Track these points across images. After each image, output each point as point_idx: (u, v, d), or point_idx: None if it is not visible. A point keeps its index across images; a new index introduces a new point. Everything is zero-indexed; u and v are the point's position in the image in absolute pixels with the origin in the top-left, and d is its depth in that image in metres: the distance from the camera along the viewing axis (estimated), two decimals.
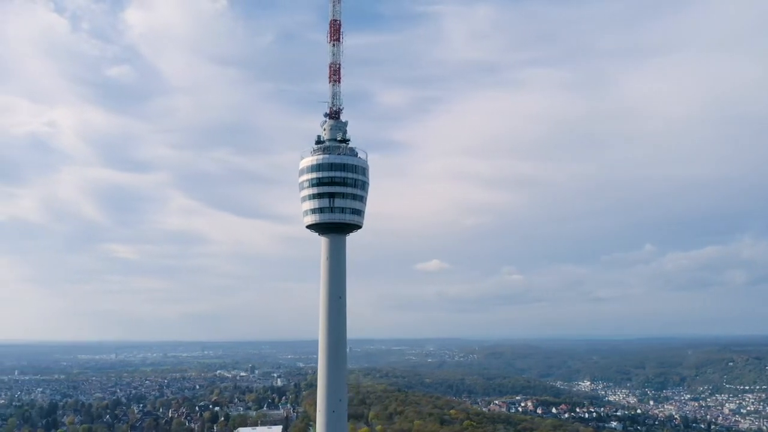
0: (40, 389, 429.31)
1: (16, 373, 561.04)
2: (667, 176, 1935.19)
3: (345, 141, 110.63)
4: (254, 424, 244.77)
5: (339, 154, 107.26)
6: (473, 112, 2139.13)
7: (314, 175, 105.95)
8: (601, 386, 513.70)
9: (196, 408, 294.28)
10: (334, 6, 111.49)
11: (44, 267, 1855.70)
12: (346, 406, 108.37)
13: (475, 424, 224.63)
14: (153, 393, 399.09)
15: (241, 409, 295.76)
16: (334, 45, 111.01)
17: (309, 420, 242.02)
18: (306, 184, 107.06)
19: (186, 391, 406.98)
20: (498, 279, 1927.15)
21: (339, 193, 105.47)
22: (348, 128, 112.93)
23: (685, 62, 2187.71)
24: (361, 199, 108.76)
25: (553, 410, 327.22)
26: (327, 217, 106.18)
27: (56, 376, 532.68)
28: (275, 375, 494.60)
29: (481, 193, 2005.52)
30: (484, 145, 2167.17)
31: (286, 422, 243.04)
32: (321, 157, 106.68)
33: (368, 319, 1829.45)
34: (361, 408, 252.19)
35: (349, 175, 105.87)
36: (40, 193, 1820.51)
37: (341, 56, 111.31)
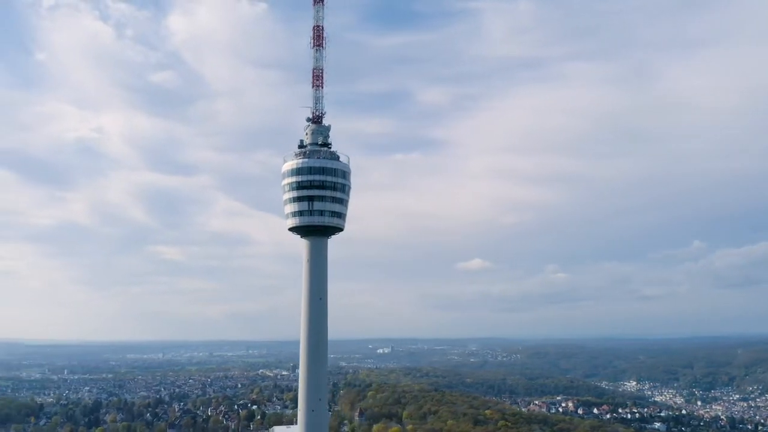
0: (87, 388, 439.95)
1: (65, 373, 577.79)
2: (715, 170, 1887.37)
3: (326, 145, 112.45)
4: (289, 423, 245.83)
5: (319, 158, 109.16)
6: (514, 108, 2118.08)
7: (294, 178, 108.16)
8: (647, 386, 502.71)
9: (235, 406, 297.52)
10: (317, 12, 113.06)
11: (94, 269, 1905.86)
12: (326, 405, 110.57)
13: (510, 424, 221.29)
14: (196, 392, 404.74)
15: (278, 407, 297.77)
16: (316, 50, 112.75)
17: (342, 418, 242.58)
18: (287, 188, 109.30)
19: (228, 389, 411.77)
20: (542, 277, 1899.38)
21: (318, 196, 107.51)
22: (331, 132, 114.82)
23: (731, 54, 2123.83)
24: (342, 202, 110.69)
25: (595, 411, 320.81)
26: (307, 220, 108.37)
27: (104, 375, 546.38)
28: None
29: (522, 191, 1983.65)
30: (525, 141, 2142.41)
31: None
32: (301, 161, 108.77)
33: (410, 319, 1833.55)
34: (396, 407, 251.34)
35: (328, 178, 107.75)
36: (89, 197, 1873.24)
37: (324, 61, 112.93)
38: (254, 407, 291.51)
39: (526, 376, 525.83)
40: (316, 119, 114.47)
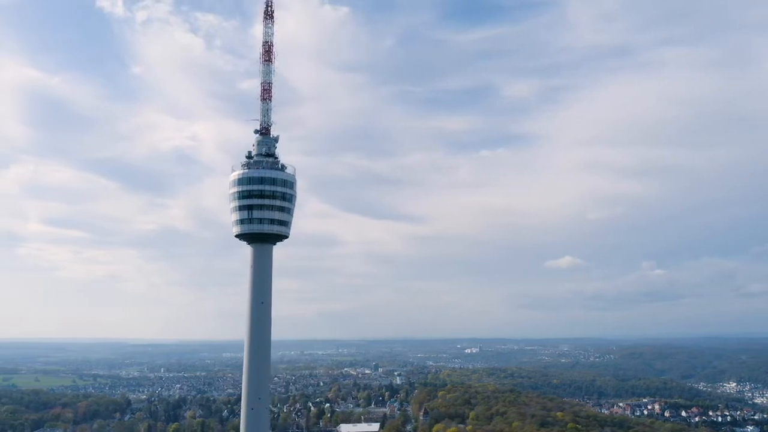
0: (179, 385, 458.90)
1: (162, 371, 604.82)
2: None
3: (270, 155, 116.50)
4: (357, 421, 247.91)
5: (260, 168, 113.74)
6: (604, 98, 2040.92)
7: (237, 188, 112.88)
8: (747, 388, 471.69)
9: (309, 404, 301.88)
10: (267, 29, 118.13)
11: (193, 271, 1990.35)
12: (267, 404, 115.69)
13: (580, 426, 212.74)
14: (279, 389, 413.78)
15: (351, 405, 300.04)
16: (266, 65, 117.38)
17: (408, 418, 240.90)
18: (231, 197, 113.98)
19: (309, 387, 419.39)
20: (637, 275, 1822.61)
21: (257, 205, 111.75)
22: (278, 143, 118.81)
23: None
24: (284, 210, 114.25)
25: (683, 413, 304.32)
26: (247, 228, 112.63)
27: (197, 373, 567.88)
28: (396, 373, 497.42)
29: (613, 184, 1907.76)
30: (616, 132, 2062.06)
31: (383, 419, 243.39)
32: (243, 171, 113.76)
33: (500, 318, 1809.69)
34: (464, 408, 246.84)
35: (267, 187, 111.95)
36: (187, 203, 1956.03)
37: (273, 76, 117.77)
38: (327, 405, 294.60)
39: (617, 377, 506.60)
40: (264, 131, 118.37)
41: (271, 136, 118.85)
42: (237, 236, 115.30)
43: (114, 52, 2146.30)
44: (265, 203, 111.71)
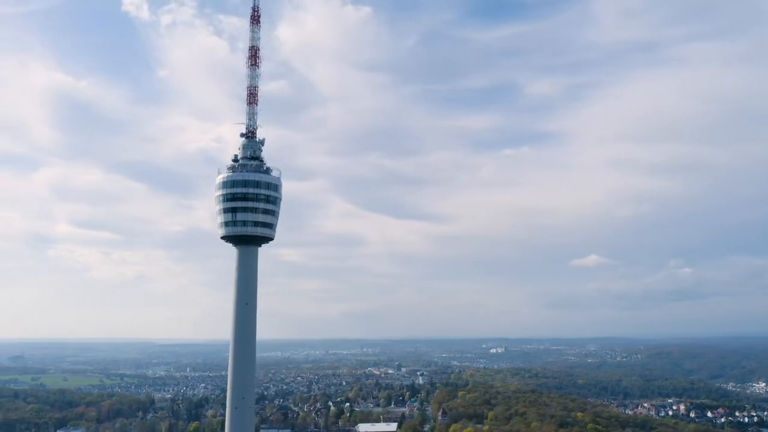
0: (203, 385, 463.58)
1: (188, 370, 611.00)
2: None
3: (255, 158, 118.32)
4: (376, 420, 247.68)
5: (244, 171, 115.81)
6: (630, 95, 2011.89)
7: (222, 191, 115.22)
8: None
9: (329, 403, 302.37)
10: (253, 33, 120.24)
11: (219, 272, 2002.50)
12: (251, 403, 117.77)
13: (600, 427, 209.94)
14: (301, 389, 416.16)
15: (371, 405, 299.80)
16: (252, 69, 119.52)
17: (426, 418, 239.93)
18: (217, 200, 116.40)
19: (331, 387, 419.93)
20: (665, 273, 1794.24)
21: (241, 207, 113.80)
22: (264, 146, 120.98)
23: None
24: (268, 212, 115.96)
25: (709, 414, 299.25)
26: (231, 230, 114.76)
27: (222, 373, 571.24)
28: (419, 373, 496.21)
29: (639, 181, 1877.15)
30: (642, 129, 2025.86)
31: (402, 419, 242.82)
32: (227, 174, 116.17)
33: (526, 318, 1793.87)
34: (484, 408, 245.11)
35: (251, 190, 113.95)
36: (212, 204, 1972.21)
37: (259, 80, 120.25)
38: (347, 404, 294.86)
39: (643, 377, 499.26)
40: (249, 134, 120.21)
41: (257, 139, 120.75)
42: (222, 238, 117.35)
43: (140, 56, 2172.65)
44: (248, 206, 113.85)
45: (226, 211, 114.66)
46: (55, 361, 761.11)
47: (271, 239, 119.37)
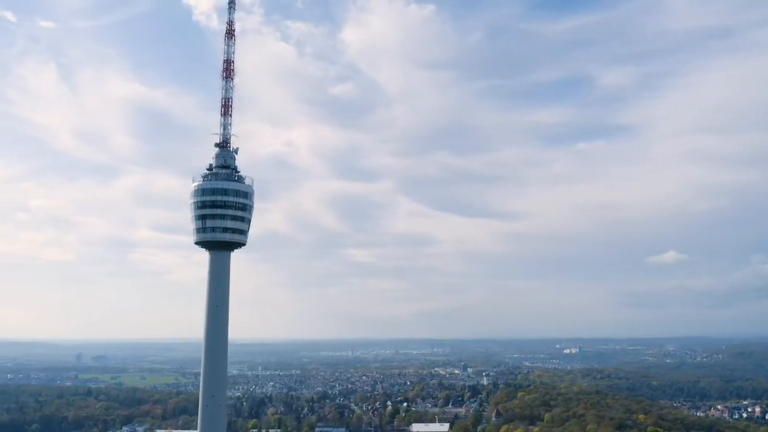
0: (272, 383, 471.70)
1: (259, 369, 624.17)
2: None
3: (227, 167, 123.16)
4: (431, 420, 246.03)
5: (216, 180, 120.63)
6: (707, 83, 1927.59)
7: (194, 199, 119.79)
8: None
9: (388, 403, 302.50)
10: (227, 47, 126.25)
11: (294, 273, 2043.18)
12: (222, 402, 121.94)
13: (661, 430, 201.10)
14: (366, 388, 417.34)
15: (429, 405, 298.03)
16: (226, 81, 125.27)
17: (480, 418, 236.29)
18: (191, 207, 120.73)
19: (396, 386, 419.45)
20: (749, 269, 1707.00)
21: (210, 214, 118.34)
22: (237, 155, 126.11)
23: None
24: (238, 219, 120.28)
25: None
26: (202, 236, 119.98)
27: (292, 371, 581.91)
28: (485, 374, 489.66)
29: (718, 173, 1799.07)
30: (719, 119, 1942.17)
31: (454, 419, 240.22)
32: (199, 183, 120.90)
33: (601, 317, 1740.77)
34: (540, 409, 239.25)
35: (219, 198, 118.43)
36: (286, 207, 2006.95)
37: (233, 92, 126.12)
38: (404, 404, 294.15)
39: (723, 378, 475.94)
40: (223, 144, 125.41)
41: (231, 148, 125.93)
42: (195, 243, 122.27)
43: (211, 64, 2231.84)
44: (217, 213, 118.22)
45: (197, 218, 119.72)
46: (136, 360, 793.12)
47: (243, 245, 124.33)
